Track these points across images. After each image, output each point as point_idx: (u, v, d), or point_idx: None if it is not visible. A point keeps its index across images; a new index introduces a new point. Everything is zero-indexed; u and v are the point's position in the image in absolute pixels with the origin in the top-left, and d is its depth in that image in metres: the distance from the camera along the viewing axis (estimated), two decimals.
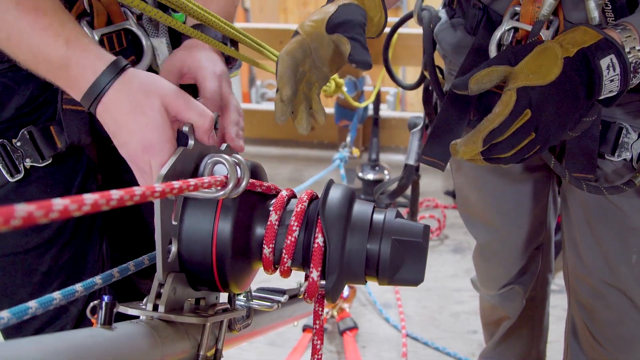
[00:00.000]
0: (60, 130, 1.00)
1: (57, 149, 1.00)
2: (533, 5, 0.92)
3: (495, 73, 0.83)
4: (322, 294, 0.68)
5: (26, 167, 0.98)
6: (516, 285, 1.44)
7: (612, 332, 1.20)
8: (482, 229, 1.39)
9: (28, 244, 1.01)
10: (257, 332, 0.95)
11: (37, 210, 0.31)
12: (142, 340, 0.56)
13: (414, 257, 0.68)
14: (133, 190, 0.42)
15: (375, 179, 2.99)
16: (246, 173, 0.64)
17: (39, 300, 0.49)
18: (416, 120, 1.72)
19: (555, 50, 0.81)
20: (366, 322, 2.31)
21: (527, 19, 0.93)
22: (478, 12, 1.02)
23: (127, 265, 0.69)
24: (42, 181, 1.01)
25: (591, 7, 0.86)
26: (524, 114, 0.80)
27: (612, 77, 0.81)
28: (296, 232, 0.67)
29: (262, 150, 3.68)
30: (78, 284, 0.59)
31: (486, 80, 0.84)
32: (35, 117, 0.99)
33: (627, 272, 1.11)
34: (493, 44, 0.97)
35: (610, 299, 1.16)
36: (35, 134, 0.98)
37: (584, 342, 1.29)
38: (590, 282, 1.19)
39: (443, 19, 1.16)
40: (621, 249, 1.09)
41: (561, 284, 2.30)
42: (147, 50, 1.06)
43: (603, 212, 1.08)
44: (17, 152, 0.96)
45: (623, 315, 1.17)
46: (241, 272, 0.69)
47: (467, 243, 2.77)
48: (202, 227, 0.65)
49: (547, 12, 0.89)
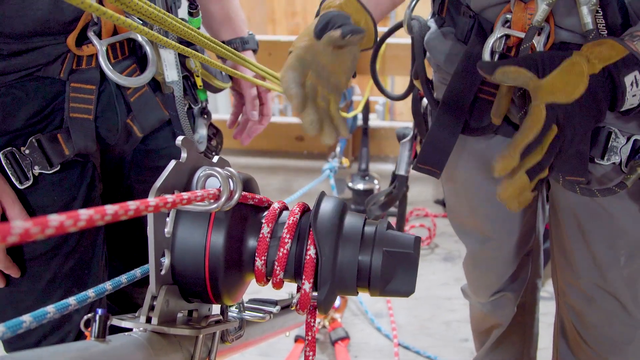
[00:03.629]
0: (68, 137, 1.02)
1: (65, 156, 1.02)
2: (524, 12, 0.93)
3: (523, 77, 0.83)
4: (314, 305, 0.69)
5: (34, 174, 0.99)
6: (507, 292, 1.45)
7: (601, 333, 1.22)
8: (474, 236, 1.40)
9: (35, 251, 1.02)
10: (249, 343, 0.95)
11: (34, 227, 0.32)
12: (136, 352, 0.56)
13: (405, 268, 0.68)
14: (127, 205, 0.43)
15: (366, 189, 3.00)
16: (239, 186, 0.64)
17: (34, 314, 0.49)
18: (405, 131, 1.73)
19: (582, 67, 0.81)
20: (358, 332, 2.31)
21: (518, 26, 0.95)
22: (469, 20, 1.04)
23: (120, 278, 0.69)
24: (50, 188, 1.02)
25: (584, 13, 0.87)
26: (551, 130, 0.81)
27: (635, 93, 0.82)
28: (288, 244, 0.68)
29: (252, 162, 3.69)
30: (71, 297, 0.59)
31: (512, 77, 0.84)
32: (43, 125, 1.01)
33: (616, 274, 1.12)
34: (486, 51, 0.98)
35: (599, 302, 1.18)
36: (44, 142, 0.99)
37: (573, 344, 1.30)
38: (579, 285, 1.20)
39: (433, 28, 1.17)
40: (610, 252, 1.11)
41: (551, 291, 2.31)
42: (151, 61, 1.08)
43: (592, 216, 1.10)
44: (25, 159, 0.98)
45: (612, 318, 1.18)
46: (234, 284, 0.70)
47: (457, 251, 2.78)
48: (195, 239, 0.65)
49: (540, 19, 0.90)
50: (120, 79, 1.04)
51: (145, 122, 1.13)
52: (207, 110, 1.31)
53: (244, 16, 1.41)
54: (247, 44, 1.40)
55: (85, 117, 1.02)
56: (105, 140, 1.08)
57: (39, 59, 0.97)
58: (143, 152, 1.18)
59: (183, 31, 0.83)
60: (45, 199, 1.02)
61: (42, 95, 0.99)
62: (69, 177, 1.04)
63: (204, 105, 1.30)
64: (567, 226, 1.17)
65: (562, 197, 1.16)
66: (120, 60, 1.06)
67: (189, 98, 1.23)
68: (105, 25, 1.02)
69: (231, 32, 1.39)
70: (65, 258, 1.05)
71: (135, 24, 0.70)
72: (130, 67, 1.07)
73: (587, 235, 1.12)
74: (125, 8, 0.68)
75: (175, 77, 1.13)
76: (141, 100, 1.11)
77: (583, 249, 1.15)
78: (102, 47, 1.01)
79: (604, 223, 1.09)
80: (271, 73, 1.30)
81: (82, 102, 1.02)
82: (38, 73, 0.98)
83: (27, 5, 0.90)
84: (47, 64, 0.98)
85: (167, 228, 0.64)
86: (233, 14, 1.38)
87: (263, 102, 1.44)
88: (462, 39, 1.07)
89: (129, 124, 1.11)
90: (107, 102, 1.07)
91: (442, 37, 1.13)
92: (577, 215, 1.12)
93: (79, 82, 1.02)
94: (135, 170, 1.20)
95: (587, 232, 1.12)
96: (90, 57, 1.02)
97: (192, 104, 1.24)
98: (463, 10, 1.05)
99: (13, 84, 0.96)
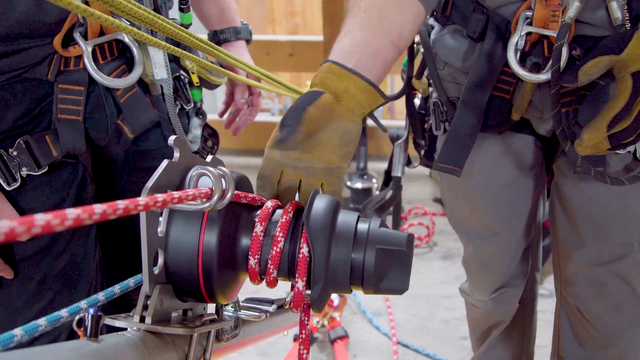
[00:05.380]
0: (56, 139, 1.01)
1: (52, 158, 1.01)
2: (547, 9, 0.93)
3: (602, 63, 0.88)
4: (307, 303, 0.69)
5: (22, 176, 0.99)
6: (509, 287, 1.45)
7: (610, 318, 1.25)
8: (477, 233, 1.40)
9: (24, 252, 1.02)
10: (245, 342, 0.95)
11: (19, 226, 0.32)
12: (129, 351, 0.56)
13: (399, 265, 0.68)
14: (116, 204, 0.43)
15: (364, 188, 3.00)
16: (231, 185, 0.64)
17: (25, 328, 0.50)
18: (398, 132, 1.72)
19: None
20: (357, 331, 2.31)
21: (540, 22, 0.95)
22: (482, 17, 1.04)
23: (113, 289, 0.69)
24: (39, 189, 1.02)
25: (614, 8, 0.89)
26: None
27: None
28: (281, 242, 0.68)
29: (250, 161, 3.69)
30: (63, 309, 0.59)
31: (594, 70, 0.89)
32: (32, 127, 1.00)
33: (630, 260, 1.16)
34: (511, 49, 0.98)
35: (610, 287, 1.21)
36: (32, 143, 0.99)
37: (580, 332, 1.32)
38: (592, 272, 1.22)
39: (437, 27, 1.17)
40: (625, 239, 1.13)
41: (549, 289, 2.32)
42: (138, 61, 1.07)
43: (607, 205, 1.12)
44: (13, 161, 0.98)
45: (622, 301, 1.22)
46: (227, 282, 0.70)
47: (456, 250, 2.79)
48: (188, 238, 0.65)
49: (573, 15, 0.90)
50: (105, 80, 1.03)
51: (136, 123, 1.13)
52: (202, 110, 1.31)
53: (236, 7, 1.41)
54: (240, 34, 1.39)
55: (73, 119, 1.02)
56: (95, 141, 1.08)
57: (25, 61, 0.97)
58: (135, 153, 1.18)
59: (172, 31, 0.83)
60: (34, 200, 1.02)
61: (29, 97, 0.99)
62: (58, 179, 1.04)
63: (199, 106, 1.30)
64: (579, 216, 1.18)
65: (573, 188, 1.17)
66: (109, 61, 1.06)
67: (181, 99, 1.23)
68: (91, 26, 1.01)
69: (223, 22, 1.38)
70: (54, 259, 1.05)
71: (124, 25, 0.69)
72: (119, 68, 1.07)
73: (601, 224, 1.15)
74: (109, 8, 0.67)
75: (164, 75, 1.12)
76: (131, 101, 1.11)
77: (597, 237, 1.17)
78: (87, 48, 1.01)
79: (618, 211, 1.11)
80: (264, 72, 1.30)
81: (70, 104, 1.02)
82: (25, 74, 0.98)
83: (9, 8, 0.90)
84: (34, 66, 0.98)
85: (160, 227, 0.64)
86: (225, 4, 1.38)
87: (252, 92, 1.44)
88: (474, 36, 1.06)
89: (119, 125, 1.11)
90: (96, 103, 1.06)
91: (449, 35, 1.13)
92: (591, 204, 1.14)
93: (67, 84, 1.01)
94: (127, 172, 1.20)
95: (601, 221, 1.14)
96: (78, 58, 1.02)
97: (184, 105, 1.24)
98: (474, 7, 1.04)
99: (1, 85, 0.96)
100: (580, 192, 1.15)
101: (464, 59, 1.10)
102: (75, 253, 1.09)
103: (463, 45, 1.11)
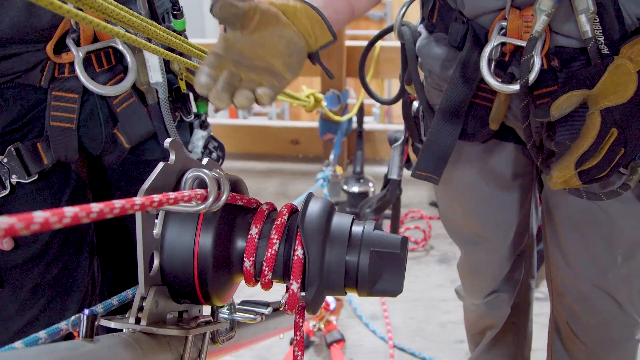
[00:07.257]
0: (47, 147, 1.01)
1: (43, 166, 1.00)
2: (520, 19, 0.93)
3: (575, 97, 0.86)
4: (302, 305, 0.70)
5: (12, 184, 0.98)
6: (501, 292, 1.46)
7: (598, 332, 1.23)
8: (468, 238, 1.40)
9: (15, 259, 1.02)
10: (241, 345, 0.95)
11: (18, 223, 0.32)
12: (124, 352, 0.56)
13: (393, 268, 0.69)
14: (113, 204, 0.43)
15: (360, 192, 3.00)
16: (226, 187, 0.65)
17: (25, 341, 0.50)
18: (396, 134, 1.73)
19: (627, 67, 0.84)
20: (353, 334, 2.31)
21: (514, 33, 0.95)
22: (462, 26, 1.04)
23: (111, 300, 0.70)
24: (30, 197, 1.01)
25: (582, 22, 0.87)
26: (610, 133, 0.84)
27: None
28: (276, 244, 0.68)
29: (248, 165, 3.69)
30: (63, 322, 0.60)
31: (566, 105, 0.87)
32: (23, 133, 0.99)
33: (614, 274, 1.14)
34: (484, 59, 0.98)
35: (596, 301, 1.19)
36: (22, 151, 0.98)
37: (569, 343, 1.31)
38: (577, 285, 1.21)
39: (424, 34, 1.17)
40: (608, 252, 1.12)
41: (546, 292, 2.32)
42: (131, 68, 1.06)
43: (590, 217, 1.11)
44: (3, 168, 0.97)
45: (609, 316, 1.20)
46: (223, 284, 0.70)
47: (452, 253, 2.79)
48: (184, 240, 0.66)
49: (540, 29, 0.90)
50: (96, 87, 1.02)
51: (132, 132, 1.11)
52: (207, 123, 1.30)
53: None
54: None
55: (67, 126, 1.02)
56: (89, 150, 1.07)
57: (17, 66, 0.96)
58: (133, 163, 1.18)
59: (164, 37, 0.83)
60: (25, 207, 1.01)
61: (21, 103, 0.98)
62: (50, 186, 1.04)
63: (204, 118, 1.29)
64: (564, 227, 1.18)
65: (558, 199, 1.16)
66: (106, 69, 1.05)
67: (181, 110, 1.21)
68: (84, 32, 1.00)
69: None
70: (46, 267, 1.05)
71: (116, 30, 0.69)
72: (117, 77, 1.06)
73: (585, 236, 1.14)
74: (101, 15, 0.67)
75: (159, 79, 1.11)
76: (128, 110, 1.09)
77: (581, 250, 1.16)
78: (79, 54, 0.99)
79: (602, 224, 1.10)
80: None
81: (64, 111, 1.01)
82: (18, 80, 0.97)
83: (0, 12, 0.89)
84: (27, 71, 0.97)
85: (156, 229, 0.65)
86: None
87: None
88: (455, 45, 1.07)
89: (116, 134, 1.10)
90: (90, 111, 1.06)
91: (434, 43, 1.13)
92: (575, 216, 1.13)
93: (61, 91, 1.01)
94: (125, 181, 1.19)
95: (585, 233, 1.13)
96: (73, 65, 1.01)
97: (183, 117, 1.22)
98: (455, 16, 1.05)
99: None
100: (564, 203, 1.15)
101: (446, 67, 1.10)
102: (69, 261, 1.09)
103: (446, 54, 1.11)
